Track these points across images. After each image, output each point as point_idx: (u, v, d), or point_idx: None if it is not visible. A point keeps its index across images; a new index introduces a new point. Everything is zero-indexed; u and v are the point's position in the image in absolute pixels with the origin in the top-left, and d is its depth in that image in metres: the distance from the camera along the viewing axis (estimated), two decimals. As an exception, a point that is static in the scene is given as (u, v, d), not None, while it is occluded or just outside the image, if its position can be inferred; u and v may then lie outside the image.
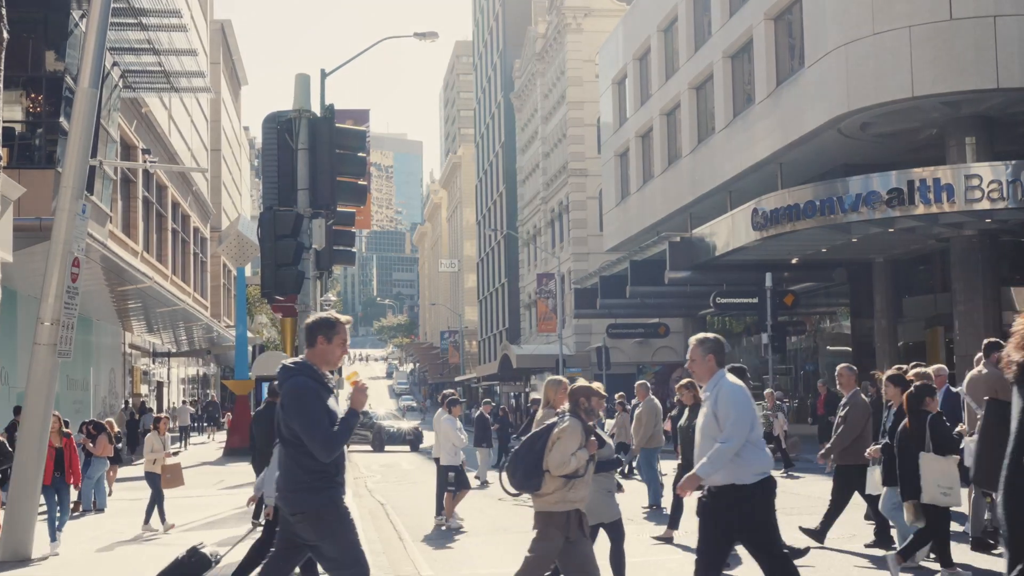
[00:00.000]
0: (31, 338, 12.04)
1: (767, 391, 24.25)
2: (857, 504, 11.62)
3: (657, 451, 15.94)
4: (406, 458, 32.80)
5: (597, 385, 7.54)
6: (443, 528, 14.26)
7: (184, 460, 31.83)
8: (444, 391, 15.87)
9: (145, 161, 31.14)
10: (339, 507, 5.73)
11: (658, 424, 15.90)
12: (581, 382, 7.49)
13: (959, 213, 22.75)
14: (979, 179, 22.20)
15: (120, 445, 22.22)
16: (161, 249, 37.00)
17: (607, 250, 45.26)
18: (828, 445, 11.31)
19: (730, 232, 29.16)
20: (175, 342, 44.16)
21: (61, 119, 20.98)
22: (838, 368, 11.42)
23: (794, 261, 30.73)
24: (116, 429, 21.72)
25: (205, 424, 47.26)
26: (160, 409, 40.30)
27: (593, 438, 7.25)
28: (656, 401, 16.38)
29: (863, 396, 11.54)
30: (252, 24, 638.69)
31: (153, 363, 43.10)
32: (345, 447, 5.81)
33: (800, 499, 16.06)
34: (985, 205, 22.21)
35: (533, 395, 35.59)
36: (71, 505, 18.01)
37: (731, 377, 6.68)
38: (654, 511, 15.07)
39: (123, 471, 23.41)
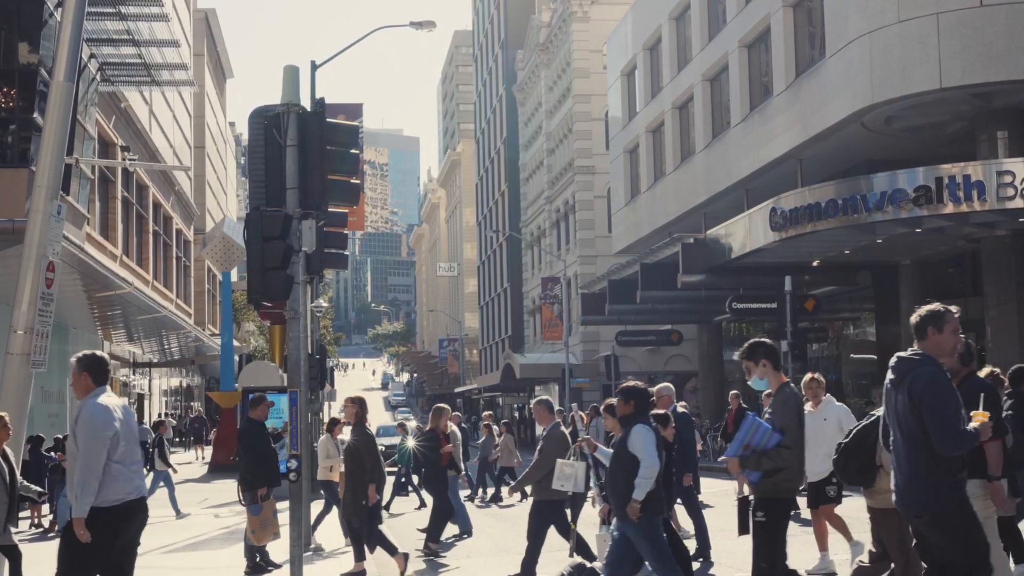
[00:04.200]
0: (3, 348, 12.05)
1: (681, 403, 22.89)
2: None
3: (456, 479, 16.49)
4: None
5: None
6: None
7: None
8: (609, 400, 16.01)
9: (124, 159, 31.17)
10: (967, 506, 5.92)
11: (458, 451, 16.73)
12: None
13: (991, 212, 22.73)
14: (1012, 176, 22.17)
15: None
16: (142, 253, 37.03)
17: (616, 252, 45.25)
18: (518, 479, 11.51)
19: (747, 233, 29.16)
20: (157, 352, 44.18)
21: (35, 115, 21.00)
22: (532, 403, 11.45)
23: (815, 263, 30.70)
24: None
25: (191, 439, 47.22)
26: (143, 422, 40.28)
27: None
28: (455, 430, 17.33)
29: (562, 428, 11.60)
30: (238, 13, 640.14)
31: (133, 374, 43.12)
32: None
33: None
34: (1018, 203, 22.17)
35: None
36: (45, 524, 18.08)
37: (106, 398, 7.06)
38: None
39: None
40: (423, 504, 21.07)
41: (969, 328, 28.35)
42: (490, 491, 23.29)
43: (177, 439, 45.35)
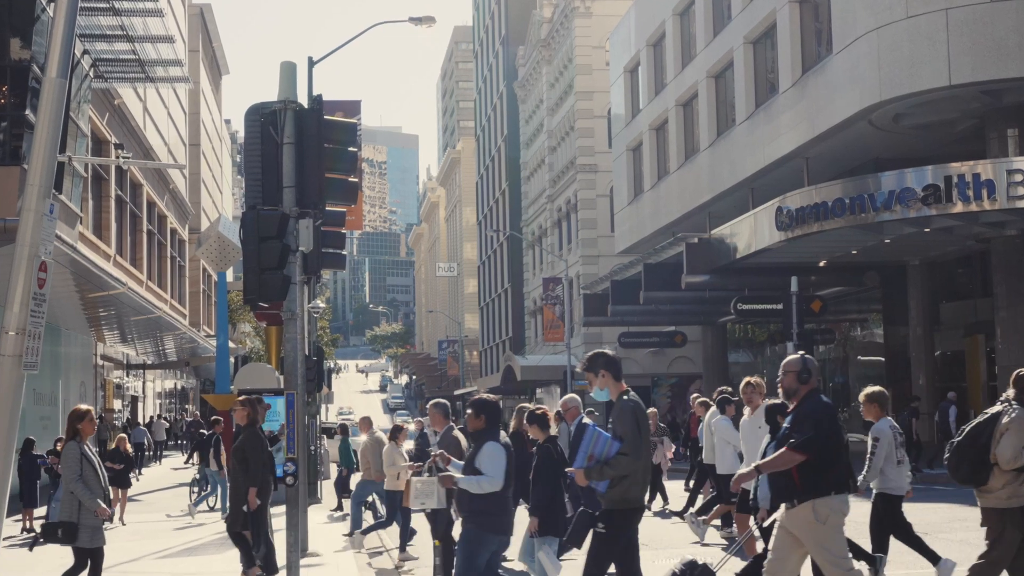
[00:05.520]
0: (-6, 349, 12.03)
1: (650, 409, 22.70)
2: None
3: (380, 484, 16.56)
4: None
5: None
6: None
7: (159, 479, 31.99)
8: (719, 388, 16.00)
9: (118, 157, 31.16)
10: None
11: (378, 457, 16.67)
12: None
13: (1001, 211, 22.73)
14: (1022, 174, 22.18)
15: (127, 467, 21.84)
16: (135, 252, 37.02)
17: (619, 252, 45.26)
18: None
19: (752, 233, 29.16)
20: (151, 353, 44.18)
21: (27, 112, 20.99)
22: (428, 406, 12.00)
23: (822, 264, 30.70)
24: (128, 448, 21.63)
25: (184, 442, 47.17)
26: (137, 425, 40.28)
27: None
28: (380, 435, 17.33)
29: (455, 433, 11.41)
30: (234, 8, 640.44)
31: (127, 376, 43.11)
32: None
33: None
34: (1029, 202, 22.19)
35: None
36: (38, 529, 18.05)
37: None
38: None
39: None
40: (340, 506, 21.10)
41: (979, 330, 28.41)
42: None
43: (172, 442, 45.34)
